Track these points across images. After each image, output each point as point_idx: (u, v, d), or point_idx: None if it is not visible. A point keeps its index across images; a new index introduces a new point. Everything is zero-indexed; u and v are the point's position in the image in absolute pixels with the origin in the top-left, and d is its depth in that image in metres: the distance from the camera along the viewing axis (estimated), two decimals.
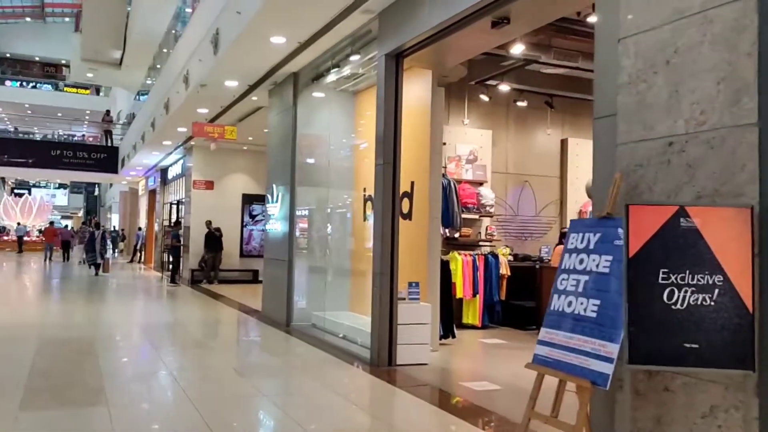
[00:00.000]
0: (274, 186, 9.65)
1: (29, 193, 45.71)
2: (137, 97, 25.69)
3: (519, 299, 9.59)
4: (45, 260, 24.75)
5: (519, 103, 10.04)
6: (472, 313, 9.18)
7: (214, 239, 15.91)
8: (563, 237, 9.67)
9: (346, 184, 8.95)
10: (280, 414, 4.61)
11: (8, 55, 50.65)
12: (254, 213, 17.24)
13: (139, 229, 26.26)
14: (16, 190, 49.50)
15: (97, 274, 18.00)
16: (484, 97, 9.54)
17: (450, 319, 7.80)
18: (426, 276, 6.99)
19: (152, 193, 24.71)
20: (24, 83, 47.09)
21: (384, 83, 6.41)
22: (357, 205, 8.82)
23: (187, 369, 6.12)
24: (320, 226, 9.45)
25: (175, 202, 19.64)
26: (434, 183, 7.27)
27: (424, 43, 6.08)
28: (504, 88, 9.41)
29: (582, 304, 3.42)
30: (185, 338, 8.25)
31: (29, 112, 39.40)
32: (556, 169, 11.23)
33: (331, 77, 8.43)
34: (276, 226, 9.59)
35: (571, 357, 3.37)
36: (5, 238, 34.24)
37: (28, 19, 50.79)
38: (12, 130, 40.78)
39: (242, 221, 17.09)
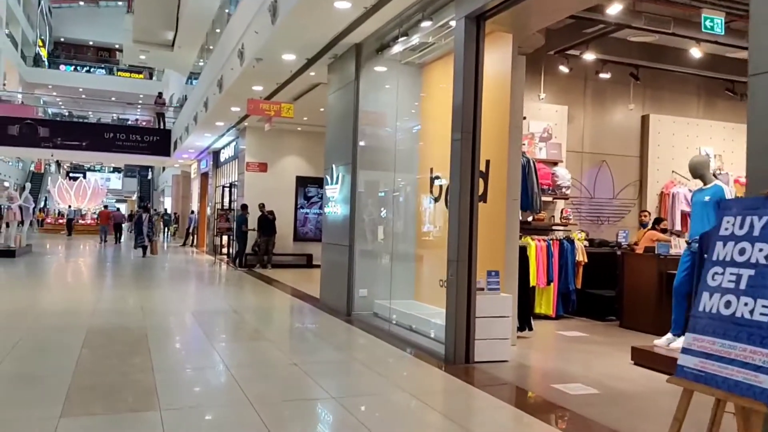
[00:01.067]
0: (333, 166, 9.10)
1: (84, 177, 46.62)
2: (189, 81, 25.57)
3: (596, 288, 8.85)
4: (100, 242, 25.44)
5: (602, 75, 9.18)
6: (545, 303, 8.50)
7: (267, 222, 15.54)
8: (657, 222, 8.87)
9: (411, 164, 8.33)
10: (351, 420, 4.06)
11: (62, 39, 51.72)
12: (309, 195, 16.82)
13: (192, 212, 26.29)
14: (71, 174, 50.69)
15: (144, 255, 18.50)
16: (564, 69, 8.74)
17: (527, 310, 7.14)
18: (503, 264, 6.34)
19: (204, 176, 24.63)
20: (78, 67, 47.95)
21: (463, 49, 5.73)
22: (423, 186, 8.20)
23: (245, 365, 5.64)
24: (383, 208, 8.88)
25: (228, 185, 19.41)
26: (513, 161, 6.57)
27: (509, 2, 5.38)
28: (589, 57, 8.57)
29: (746, 305, 2.72)
30: (241, 328, 7.80)
31: (83, 96, 40.01)
32: (635, 147, 10.36)
33: (397, 48, 7.77)
34: (336, 209, 9.05)
35: (732, 371, 2.68)
36: (61, 221, 34.93)
37: (81, 3, 51.71)
38: (66, 114, 41.60)
39: (296, 204, 16.69)
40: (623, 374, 5.51)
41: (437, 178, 7.82)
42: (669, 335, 6.01)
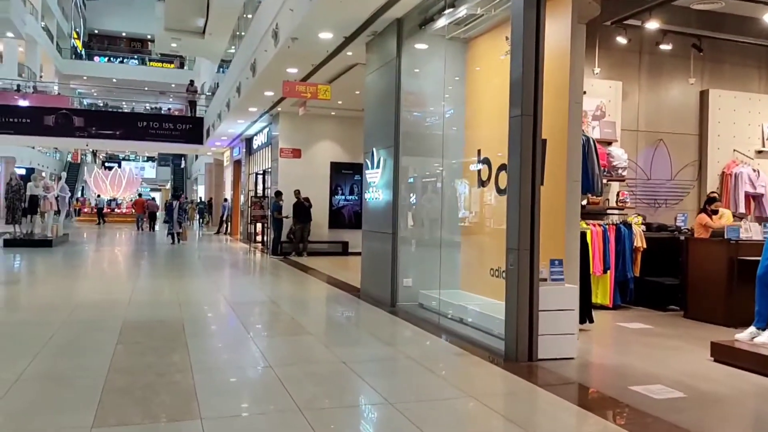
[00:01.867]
0: (373, 150, 8.65)
1: (119, 167, 47.11)
2: (220, 69, 25.37)
3: (655, 275, 8.28)
4: (137, 229, 26.39)
5: (663, 46, 8.52)
6: (601, 292, 7.97)
7: (303, 209, 15.21)
8: (709, 202, 8.26)
9: (457, 146, 7.84)
10: (411, 428, 3.64)
11: (96, 31, 52.19)
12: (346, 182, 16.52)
13: (225, 200, 26.21)
14: (106, 164, 51.31)
15: (174, 242, 19.04)
16: (622, 40, 8.12)
17: (588, 300, 6.63)
18: (563, 251, 5.84)
19: (237, 164, 24.46)
20: (112, 58, 48.33)
21: (522, 16, 5.20)
22: (470, 168, 7.72)
23: (290, 363, 5.24)
24: (426, 193, 8.42)
25: (261, 172, 19.15)
26: (573, 140, 6.03)
27: None
28: (652, 26, 7.91)
29: None
30: (282, 321, 7.44)
31: (117, 86, 40.27)
32: (693, 125, 9.68)
33: (442, 21, 7.28)
34: (377, 194, 8.61)
35: None
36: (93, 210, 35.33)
37: None
38: (102, 105, 42.01)
39: (331, 190, 16.33)
40: (705, 373, 4.98)
41: (485, 160, 7.33)
42: (752, 328, 5.45)
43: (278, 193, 15.52)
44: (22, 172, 34.91)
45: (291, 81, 10.60)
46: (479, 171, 7.43)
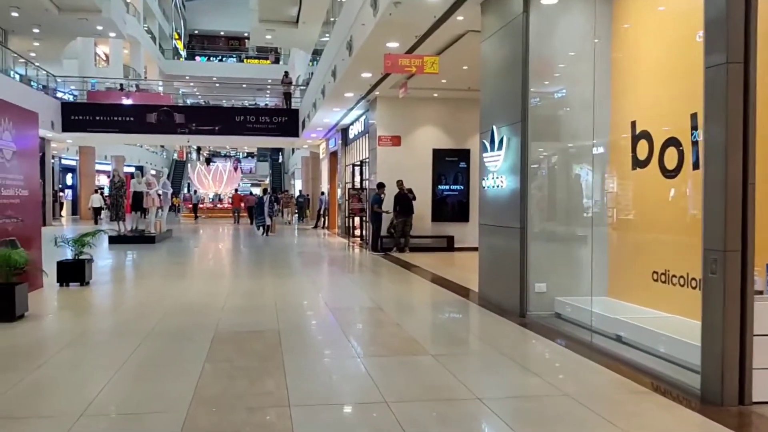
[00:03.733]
0: (493, 128, 7.31)
1: (222, 162, 48.25)
2: (313, 61, 24.81)
3: None
4: (234, 222, 27.46)
5: None
6: None
7: (406, 202, 14.04)
8: None
9: (602, 118, 6.37)
10: None
11: (196, 31, 53.73)
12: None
13: (322, 193, 25.64)
14: (209, 160, 52.78)
15: (265, 234, 19.71)
16: None
17: None
18: None
19: (333, 156, 23.78)
20: (212, 57, 49.58)
21: None
22: (619, 147, 6.24)
23: (410, 399, 4.04)
24: (562, 179, 7.02)
25: (358, 163, 18.23)
26: None
27: None
28: None
29: None
30: (392, 335, 6.16)
31: (217, 85, 41.10)
32: None
33: None
34: (499, 181, 7.28)
35: None
36: (201, 206, 35.94)
37: None
38: (204, 103, 43.05)
39: (434, 179, 15.05)
40: None
41: (643, 134, 5.83)
42: None
43: (381, 185, 14.38)
44: (131, 170, 36.30)
45: (393, 54, 9.41)
46: (634, 149, 5.94)
